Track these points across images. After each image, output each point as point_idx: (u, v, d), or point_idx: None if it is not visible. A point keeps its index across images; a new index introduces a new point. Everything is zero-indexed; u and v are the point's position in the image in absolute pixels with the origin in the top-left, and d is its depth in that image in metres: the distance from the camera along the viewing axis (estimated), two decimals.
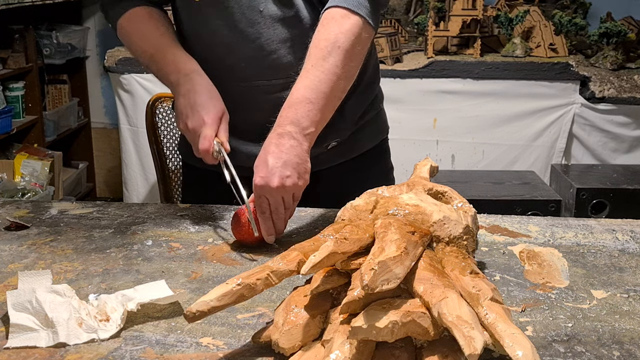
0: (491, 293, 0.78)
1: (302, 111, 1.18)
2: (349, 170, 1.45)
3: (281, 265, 0.84)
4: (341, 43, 1.20)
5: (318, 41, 1.21)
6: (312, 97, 1.18)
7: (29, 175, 3.25)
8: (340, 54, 1.20)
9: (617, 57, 3.26)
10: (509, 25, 3.47)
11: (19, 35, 3.37)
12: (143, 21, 1.35)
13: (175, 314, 0.93)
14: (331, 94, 1.20)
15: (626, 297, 0.99)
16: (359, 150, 1.46)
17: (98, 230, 1.24)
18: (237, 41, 1.31)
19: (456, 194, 1.02)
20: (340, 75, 1.21)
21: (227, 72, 1.33)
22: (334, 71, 1.20)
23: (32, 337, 0.86)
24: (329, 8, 1.23)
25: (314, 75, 1.19)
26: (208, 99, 1.24)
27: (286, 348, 0.80)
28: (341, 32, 1.21)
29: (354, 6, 1.22)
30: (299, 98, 1.19)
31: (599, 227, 1.26)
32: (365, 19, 1.23)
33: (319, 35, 1.22)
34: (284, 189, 1.15)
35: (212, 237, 1.21)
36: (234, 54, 1.32)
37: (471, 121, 3.24)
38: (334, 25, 1.21)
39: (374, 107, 1.48)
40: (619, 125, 3.22)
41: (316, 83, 1.19)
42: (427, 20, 3.39)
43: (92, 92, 4.09)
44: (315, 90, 1.19)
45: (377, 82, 1.50)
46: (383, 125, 1.54)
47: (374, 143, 1.50)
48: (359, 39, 1.23)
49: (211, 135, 1.21)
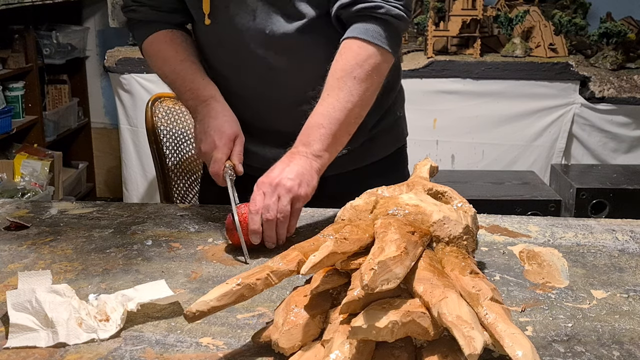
0: (491, 293, 0.78)
1: (314, 135, 1.21)
2: (362, 177, 1.43)
3: (281, 265, 0.84)
4: (357, 74, 1.23)
5: (335, 71, 1.24)
6: (325, 123, 1.22)
7: (29, 175, 3.25)
8: (355, 84, 1.23)
9: (617, 57, 3.26)
10: (509, 25, 3.47)
11: (19, 35, 3.37)
12: (164, 46, 1.39)
13: (175, 314, 0.93)
14: (345, 121, 1.23)
15: (626, 297, 0.99)
16: (372, 158, 1.46)
17: (98, 230, 1.24)
18: (247, 61, 1.34)
19: (456, 194, 1.02)
20: (355, 103, 1.23)
21: (242, 87, 1.37)
22: (349, 99, 1.22)
23: (32, 337, 0.86)
24: (348, 39, 1.25)
25: (328, 103, 1.22)
26: (221, 124, 1.29)
27: (286, 348, 0.80)
28: (357, 63, 1.23)
29: (371, 37, 1.24)
30: (312, 123, 1.22)
31: (599, 227, 1.26)
32: (384, 48, 1.25)
33: (337, 65, 1.24)
34: (282, 186, 1.15)
35: (212, 237, 1.21)
36: (245, 73, 1.35)
37: (471, 121, 3.24)
38: (350, 55, 1.24)
39: (390, 115, 1.47)
40: (619, 125, 3.22)
41: (330, 110, 1.22)
42: (427, 20, 3.39)
43: (92, 92, 4.09)
44: (328, 117, 1.22)
45: (395, 88, 1.48)
46: (400, 133, 1.53)
47: (388, 152, 1.50)
48: (377, 68, 1.25)
49: (221, 158, 1.26)
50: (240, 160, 1.28)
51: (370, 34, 1.24)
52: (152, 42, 1.40)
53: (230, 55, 1.35)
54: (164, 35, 1.40)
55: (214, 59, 1.40)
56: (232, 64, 1.36)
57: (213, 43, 1.38)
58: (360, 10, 1.24)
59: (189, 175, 2.00)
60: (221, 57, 1.38)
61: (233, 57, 1.35)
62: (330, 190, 1.37)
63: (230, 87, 1.38)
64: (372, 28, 1.24)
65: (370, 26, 1.24)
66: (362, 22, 1.24)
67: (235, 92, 1.38)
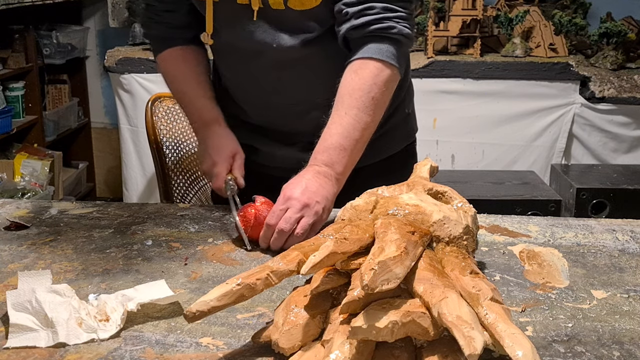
0: (491, 293, 0.77)
1: (336, 157, 1.23)
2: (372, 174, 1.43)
3: (281, 265, 0.84)
4: (374, 94, 1.24)
5: (352, 90, 1.24)
6: (346, 144, 1.23)
7: (29, 175, 3.25)
8: (373, 105, 1.24)
9: (617, 57, 3.26)
10: (509, 25, 3.47)
11: (19, 35, 3.37)
12: (176, 64, 1.44)
13: (175, 314, 0.93)
14: (361, 140, 1.25)
15: (626, 297, 0.99)
16: (381, 155, 1.46)
17: (98, 230, 1.24)
18: (251, 75, 1.37)
19: (456, 194, 1.02)
20: (370, 123, 1.26)
21: (253, 95, 1.41)
22: (366, 120, 1.24)
23: (32, 337, 0.86)
24: (363, 59, 1.25)
25: (348, 123, 1.23)
26: (220, 144, 1.35)
27: (286, 348, 0.80)
28: (375, 84, 1.24)
29: (386, 57, 1.25)
30: (333, 144, 1.23)
31: (599, 227, 1.25)
32: (396, 68, 1.27)
33: (353, 83, 1.24)
34: (308, 208, 1.16)
35: (212, 237, 1.21)
36: (252, 84, 1.39)
37: (471, 121, 3.24)
38: (368, 75, 1.24)
39: (399, 112, 1.48)
40: (619, 125, 3.22)
41: (350, 130, 1.23)
42: (427, 20, 3.39)
43: (92, 92, 4.09)
44: (348, 138, 1.23)
45: (404, 86, 1.49)
46: (409, 130, 1.54)
47: (397, 149, 1.50)
48: (391, 88, 1.28)
49: (222, 173, 1.31)
50: (241, 174, 1.33)
51: (385, 54, 1.25)
52: (164, 59, 1.45)
53: (238, 69, 1.39)
54: (176, 52, 1.43)
55: (225, 70, 1.44)
56: (240, 76, 1.40)
57: (220, 58, 1.42)
58: (374, 31, 1.25)
59: (189, 175, 2.00)
60: (231, 69, 1.42)
61: (240, 71, 1.38)
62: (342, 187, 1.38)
63: (241, 94, 1.42)
64: (385, 48, 1.25)
65: (384, 46, 1.25)
66: (376, 43, 1.25)
67: (246, 99, 1.42)
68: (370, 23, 1.24)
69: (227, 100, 1.45)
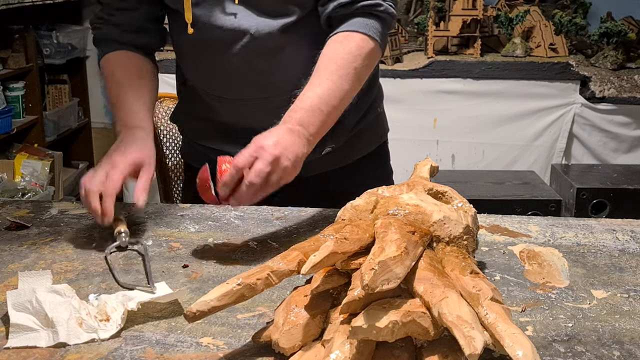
0: (491, 293, 0.78)
1: (311, 119, 1.19)
2: (346, 175, 1.44)
3: (281, 265, 0.84)
4: (357, 65, 1.24)
5: (335, 58, 1.24)
6: (323, 108, 1.20)
7: (29, 175, 3.25)
8: (354, 75, 1.24)
9: (617, 57, 3.26)
10: (509, 25, 3.47)
11: (19, 35, 3.37)
12: (117, 68, 1.37)
13: (175, 314, 0.93)
14: (338, 108, 1.23)
15: (626, 297, 0.99)
16: (355, 155, 1.46)
17: (98, 230, 1.24)
18: (229, 65, 1.33)
19: (456, 194, 1.02)
20: (349, 92, 1.24)
21: (226, 91, 1.36)
22: (346, 88, 1.23)
23: (32, 337, 0.86)
24: (349, 31, 1.26)
25: (328, 87, 1.21)
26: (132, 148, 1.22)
27: (286, 348, 0.80)
28: (360, 55, 1.24)
29: (372, 33, 1.26)
30: (311, 106, 1.20)
31: (599, 227, 1.25)
32: (379, 45, 1.28)
33: (337, 51, 1.24)
34: (278, 163, 1.10)
35: (212, 237, 1.21)
36: (228, 77, 1.34)
37: (471, 121, 3.24)
38: (353, 46, 1.25)
39: (372, 111, 1.48)
40: (619, 125, 3.22)
41: (329, 94, 1.21)
42: (427, 20, 3.39)
43: (92, 92, 4.09)
44: (326, 102, 1.21)
45: (375, 86, 1.49)
46: (381, 129, 1.54)
47: (371, 148, 1.50)
48: (372, 63, 1.29)
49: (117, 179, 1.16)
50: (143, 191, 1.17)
51: (371, 29, 1.26)
52: (107, 61, 1.38)
53: (214, 61, 1.34)
54: (120, 56, 1.38)
55: (197, 67, 1.38)
56: (216, 69, 1.35)
57: (196, 52, 1.36)
58: (362, 7, 1.26)
59: None
60: (205, 64, 1.36)
61: (217, 63, 1.34)
62: (315, 189, 1.38)
63: (214, 92, 1.37)
64: (372, 24, 1.26)
65: (370, 22, 1.26)
66: (363, 18, 1.26)
67: (219, 96, 1.37)
68: (358, 0, 1.26)
69: (196, 101, 1.42)
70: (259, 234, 1.22)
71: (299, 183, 1.23)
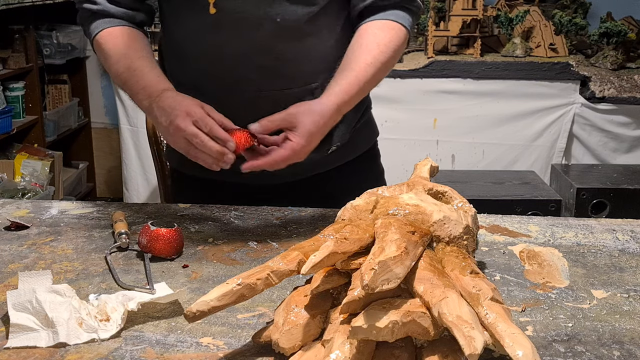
0: (491, 293, 0.78)
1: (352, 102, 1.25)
2: (344, 173, 1.44)
3: (281, 265, 0.84)
4: (393, 53, 1.30)
5: (378, 42, 1.28)
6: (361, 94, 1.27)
7: (29, 175, 3.25)
8: (389, 61, 1.29)
9: (617, 57, 3.26)
10: (509, 25, 3.47)
11: (19, 35, 3.37)
12: (122, 41, 1.30)
13: (175, 314, 0.93)
14: (364, 94, 1.30)
15: (626, 297, 0.99)
16: (355, 153, 1.46)
17: (98, 230, 1.24)
18: (250, 52, 1.28)
19: (456, 194, 1.02)
20: (379, 81, 1.30)
21: (234, 83, 1.30)
22: (379, 77, 1.29)
23: (32, 337, 0.86)
24: (388, 20, 1.31)
25: (370, 73, 1.26)
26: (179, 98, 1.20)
27: (286, 348, 0.80)
28: (398, 43, 1.31)
29: (408, 26, 1.33)
30: (357, 92, 1.25)
31: (599, 227, 1.25)
32: (409, 38, 1.35)
33: (378, 37, 1.28)
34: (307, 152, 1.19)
35: (212, 237, 1.21)
36: (245, 64, 1.28)
37: (471, 121, 3.24)
38: (394, 35, 1.30)
39: (367, 110, 1.50)
40: (619, 125, 3.22)
41: (369, 80, 1.26)
42: (427, 20, 3.39)
43: (92, 92, 4.09)
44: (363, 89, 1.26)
45: None
46: (374, 127, 1.55)
47: (369, 145, 1.51)
48: (401, 53, 1.34)
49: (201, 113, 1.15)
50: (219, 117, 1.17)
51: (407, 22, 1.33)
52: (107, 36, 1.31)
53: (232, 47, 1.28)
54: (122, 31, 1.31)
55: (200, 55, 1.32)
56: (232, 56, 1.28)
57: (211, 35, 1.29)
58: (401, 1, 1.32)
59: None
60: (215, 51, 1.29)
61: (235, 49, 1.28)
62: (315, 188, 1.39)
63: (226, 83, 1.30)
64: (407, 18, 1.33)
65: (406, 16, 1.33)
66: (400, 10, 1.32)
67: (233, 87, 1.30)
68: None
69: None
70: (259, 234, 1.22)
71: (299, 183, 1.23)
